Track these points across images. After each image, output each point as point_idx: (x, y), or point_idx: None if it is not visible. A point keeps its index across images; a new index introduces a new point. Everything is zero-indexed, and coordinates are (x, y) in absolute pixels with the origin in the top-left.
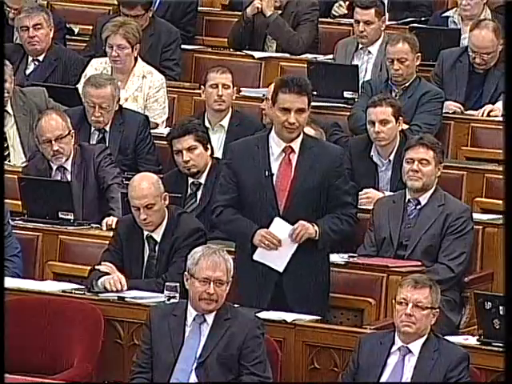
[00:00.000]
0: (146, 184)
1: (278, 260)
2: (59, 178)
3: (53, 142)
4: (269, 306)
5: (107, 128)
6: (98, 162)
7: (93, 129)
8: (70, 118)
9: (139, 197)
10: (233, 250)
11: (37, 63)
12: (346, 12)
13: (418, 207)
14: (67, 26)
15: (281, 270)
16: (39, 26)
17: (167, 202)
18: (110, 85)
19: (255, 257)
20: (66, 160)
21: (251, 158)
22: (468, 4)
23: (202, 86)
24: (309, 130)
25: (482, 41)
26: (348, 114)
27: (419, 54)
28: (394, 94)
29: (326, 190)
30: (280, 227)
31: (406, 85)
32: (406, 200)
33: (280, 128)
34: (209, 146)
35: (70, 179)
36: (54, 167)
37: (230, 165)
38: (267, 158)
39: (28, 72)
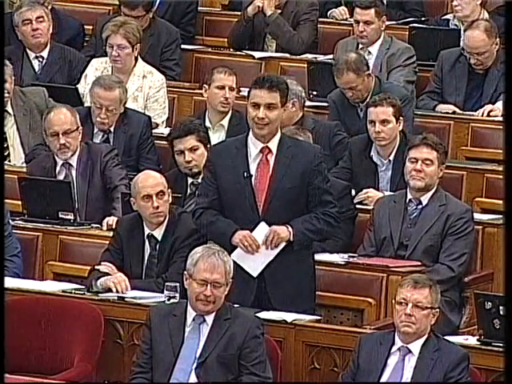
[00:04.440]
0: (155, 174)
1: (254, 264)
2: (64, 175)
3: (60, 135)
4: (252, 304)
5: (111, 128)
6: (106, 161)
7: (96, 129)
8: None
9: (152, 185)
10: None
11: (42, 60)
12: (348, 17)
13: (420, 207)
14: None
15: (255, 274)
16: (41, 19)
17: (171, 200)
18: (119, 88)
19: (233, 256)
20: (72, 156)
21: (230, 160)
22: (459, 4)
23: (204, 86)
24: (298, 137)
25: (474, 41)
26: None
27: (369, 72)
28: (359, 110)
29: (305, 190)
30: (263, 232)
31: (367, 99)
32: (407, 200)
33: (251, 124)
34: (209, 146)
35: (74, 176)
36: (60, 163)
37: (209, 167)
38: (245, 160)
39: (36, 69)
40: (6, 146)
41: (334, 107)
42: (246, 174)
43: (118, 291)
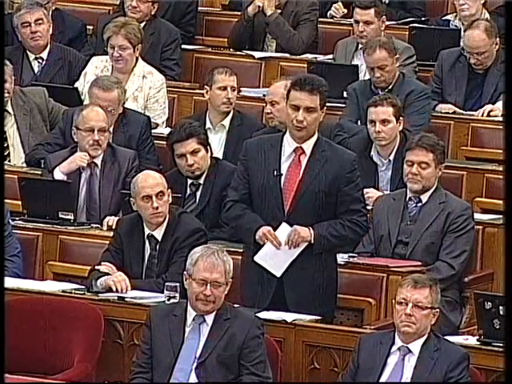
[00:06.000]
0: (155, 174)
1: (277, 264)
2: (89, 173)
3: (95, 131)
4: (268, 306)
5: (111, 129)
6: (132, 167)
7: None
8: (71, 118)
9: (152, 185)
10: (233, 250)
11: (41, 61)
12: (345, 11)
13: (419, 205)
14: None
15: (278, 274)
16: (40, 21)
17: (171, 200)
18: (117, 88)
19: (256, 258)
20: (97, 156)
21: (263, 157)
22: (465, 3)
23: (205, 87)
24: None
25: (474, 41)
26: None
27: (398, 56)
28: None
29: (334, 195)
30: (285, 232)
31: (390, 87)
32: (407, 198)
33: (290, 126)
34: (208, 148)
35: (98, 176)
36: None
37: (243, 162)
38: (278, 158)
39: (36, 70)
40: (6, 145)
41: (354, 95)
42: (276, 172)
43: (118, 290)
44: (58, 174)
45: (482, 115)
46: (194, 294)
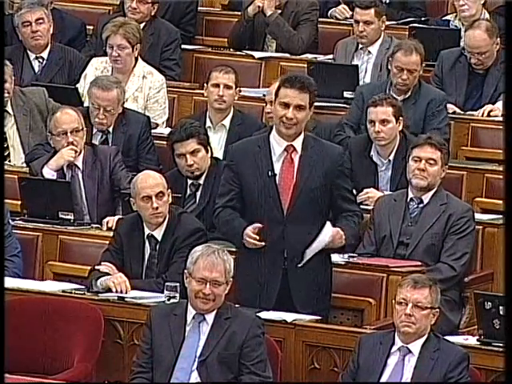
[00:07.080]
0: (154, 174)
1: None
2: (70, 175)
3: (68, 134)
4: (274, 306)
5: (110, 129)
6: (115, 163)
7: (95, 130)
8: None
9: (151, 185)
10: (234, 249)
11: (41, 61)
12: (349, 15)
13: (421, 206)
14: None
15: (300, 265)
16: (41, 21)
17: (171, 200)
18: (117, 88)
19: (307, 251)
20: (77, 157)
21: (253, 159)
22: (465, 4)
23: (205, 85)
24: None
25: (475, 41)
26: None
27: (423, 66)
28: None
29: (329, 189)
30: (329, 231)
31: (409, 94)
32: (408, 199)
33: (278, 123)
34: (209, 148)
35: (81, 177)
36: (65, 164)
37: (231, 167)
38: (269, 158)
39: (36, 69)
40: (6, 145)
41: (361, 98)
42: (270, 172)
43: (117, 291)
44: (47, 172)
45: (482, 115)
46: (194, 292)
